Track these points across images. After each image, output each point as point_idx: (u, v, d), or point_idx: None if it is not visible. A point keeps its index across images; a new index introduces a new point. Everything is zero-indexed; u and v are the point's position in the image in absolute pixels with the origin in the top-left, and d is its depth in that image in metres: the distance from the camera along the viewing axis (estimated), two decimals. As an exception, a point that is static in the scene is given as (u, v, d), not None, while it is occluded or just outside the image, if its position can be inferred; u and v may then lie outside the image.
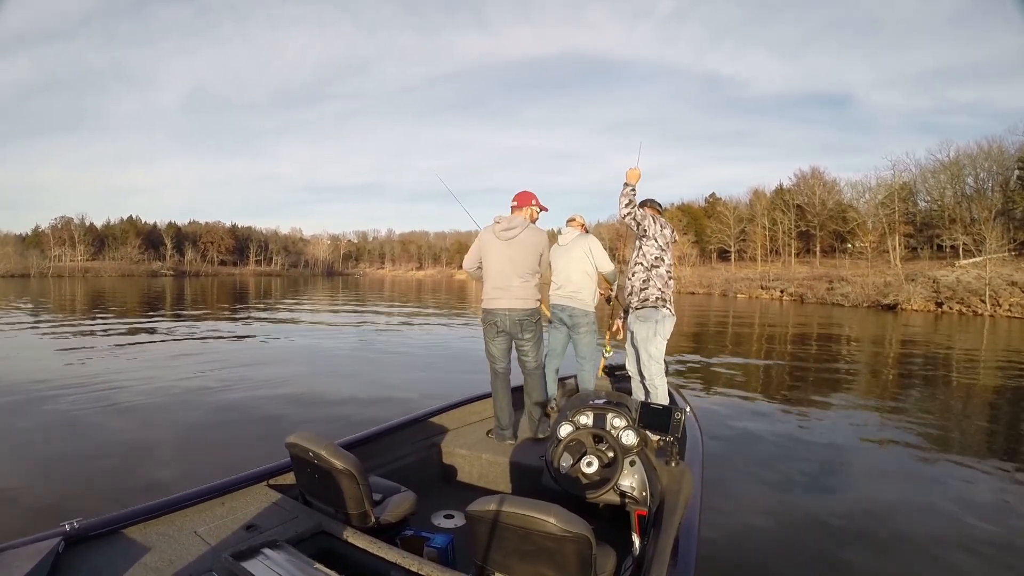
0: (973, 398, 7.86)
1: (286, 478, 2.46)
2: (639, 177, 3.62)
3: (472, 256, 3.57)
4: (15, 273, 65.31)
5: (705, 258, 64.87)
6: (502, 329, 3.42)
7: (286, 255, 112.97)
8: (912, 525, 3.42)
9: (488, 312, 3.44)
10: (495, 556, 1.68)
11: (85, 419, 5.35)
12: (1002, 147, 46.02)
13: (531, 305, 3.43)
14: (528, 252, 3.39)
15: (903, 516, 3.56)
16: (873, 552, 3.09)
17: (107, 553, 1.83)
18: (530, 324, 3.42)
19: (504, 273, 3.38)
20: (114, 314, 17.88)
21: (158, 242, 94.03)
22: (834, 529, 3.37)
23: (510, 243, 3.38)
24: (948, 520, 3.50)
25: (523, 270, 3.38)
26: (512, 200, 3.58)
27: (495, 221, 3.47)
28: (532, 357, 3.47)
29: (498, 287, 3.40)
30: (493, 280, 3.42)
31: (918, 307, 28.34)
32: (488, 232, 3.48)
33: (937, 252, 47.85)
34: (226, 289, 40.48)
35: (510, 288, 3.38)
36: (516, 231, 3.38)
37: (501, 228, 3.40)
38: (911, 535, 3.29)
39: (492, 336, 3.47)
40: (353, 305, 25.22)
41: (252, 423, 5.41)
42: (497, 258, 3.41)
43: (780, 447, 5.04)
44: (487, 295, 3.46)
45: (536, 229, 3.48)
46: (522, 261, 3.38)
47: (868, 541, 3.22)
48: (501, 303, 3.39)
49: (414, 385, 7.32)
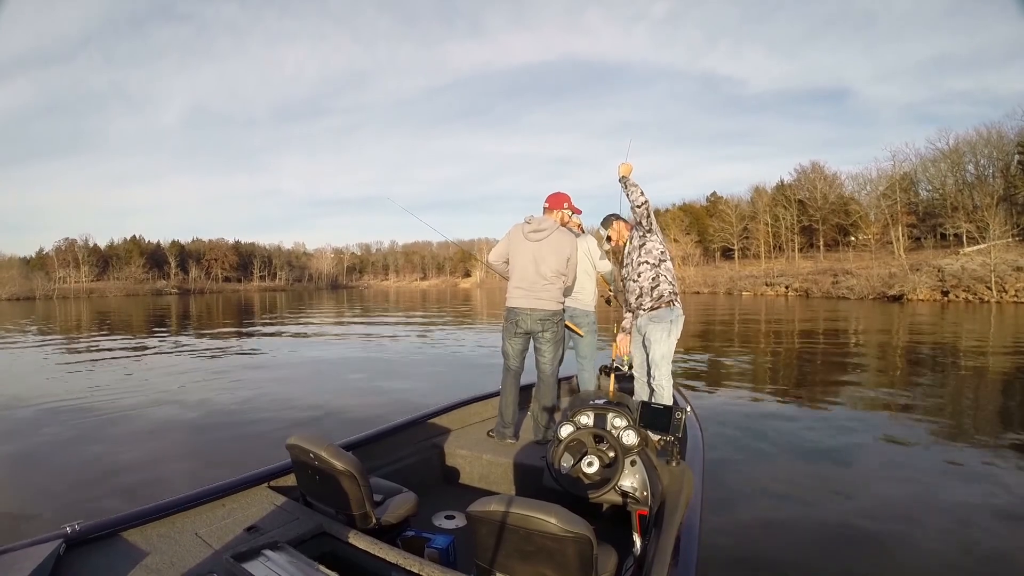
0: (982, 388, 7.80)
1: (287, 479, 2.47)
2: (631, 169, 3.62)
3: (500, 250, 3.58)
4: (20, 296, 65.80)
5: (708, 257, 64.75)
6: (523, 328, 3.43)
7: (290, 270, 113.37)
8: (917, 525, 3.36)
9: (511, 310, 3.46)
10: (496, 557, 1.68)
11: (89, 432, 5.37)
12: (1001, 133, 46.00)
13: (554, 307, 3.44)
14: (555, 255, 3.40)
15: (908, 515, 3.50)
16: (877, 552, 3.04)
17: (108, 555, 1.84)
18: (551, 325, 3.43)
19: (529, 273, 3.40)
20: (120, 333, 17.96)
21: (162, 261, 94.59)
22: (837, 528, 3.32)
23: (538, 244, 3.40)
24: (953, 520, 3.43)
25: (548, 272, 3.39)
26: (545, 202, 3.61)
27: (526, 220, 3.49)
28: (549, 359, 3.48)
29: (522, 287, 3.42)
30: (518, 279, 3.44)
31: (924, 297, 28.22)
32: (518, 230, 3.49)
33: (941, 241, 47.62)
34: (231, 305, 40.63)
35: (533, 288, 3.40)
36: (545, 233, 3.40)
37: (531, 229, 3.42)
38: (916, 535, 3.23)
39: (511, 334, 3.48)
40: (369, 318, 25.24)
41: (268, 434, 5.42)
42: (523, 258, 3.42)
43: (783, 445, 4.99)
44: (511, 294, 3.48)
45: (565, 232, 3.49)
46: (548, 263, 3.39)
47: (872, 541, 3.17)
48: (524, 302, 3.41)
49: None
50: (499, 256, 3.59)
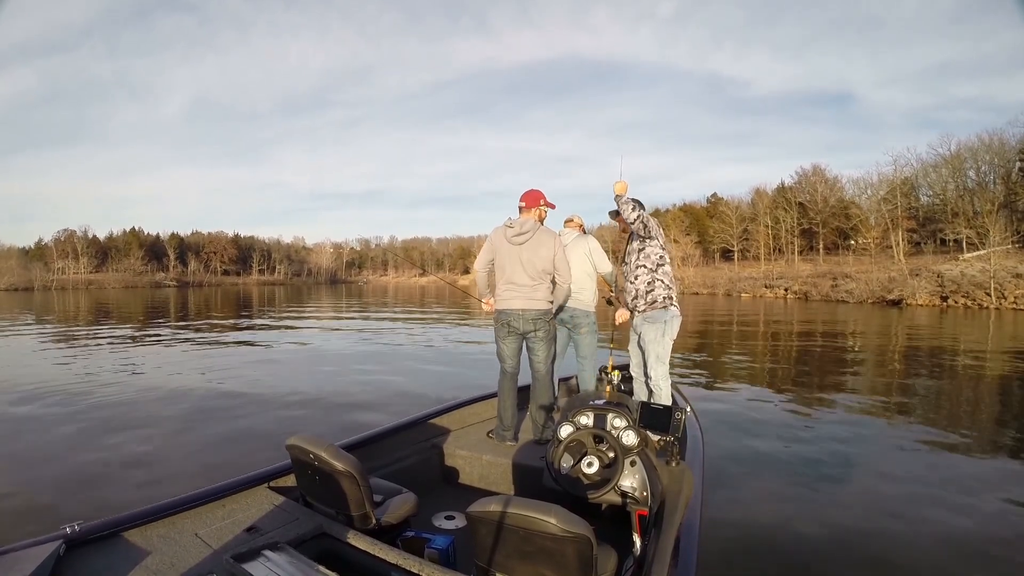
0: (980, 393, 7.81)
1: (287, 480, 2.47)
2: (626, 188, 3.69)
3: (484, 258, 3.60)
4: (19, 286, 65.54)
5: (708, 258, 64.70)
6: (515, 329, 3.45)
7: (289, 264, 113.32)
8: (917, 526, 3.38)
9: (501, 312, 3.48)
10: (496, 557, 1.68)
11: (88, 424, 5.37)
12: (1003, 139, 45.94)
13: (544, 306, 3.47)
14: (540, 255, 3.42)
15: (908, 517, 3.51)
16: (876, 553, 3.05)
17: (108, 556, 1.84)
18: (543, 324, 3.46)
19: (518, 274, 3.42)
20: (119, 324, 17.94)
21: (161, 253, 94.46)
22: (836, 529, 3.33)
23: (522, 247, 3.42)
24: (953, 521, 3.45)
25: (536, 272, 3.42)
26: (520, 200, 3.59)
27: (507, 225, 3.49)
28: (543, 358, 3.49)
29: (511, 288, 3.44)
30: (507, 281, 3.46)
31: (923, 302, 28.23)
32: (499, 235, 3.50)
33: (941, 246, 47.62)
34: (230, 299, 40.56)
35: (523, 289, 3.42)
36: (528, 235, 3.41)
37: (514, 233, 3.43)
38: (917, 537, 3.25)
39: (504, 336, 3.50)
40: (367, 312, 25.23)
41: (263, 429, 5.41)
42: (509, 260, 3.44)
43: (782, 446, 5.00)
44: (500, 295, 3.49)
45: (547, 231, 3.50)
46: (534, 263, 3.41)
47: (871, 542, 3.18)
48: (515, 303, 3.43)
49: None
50: (485, 264, 3.60)
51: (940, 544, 3.15)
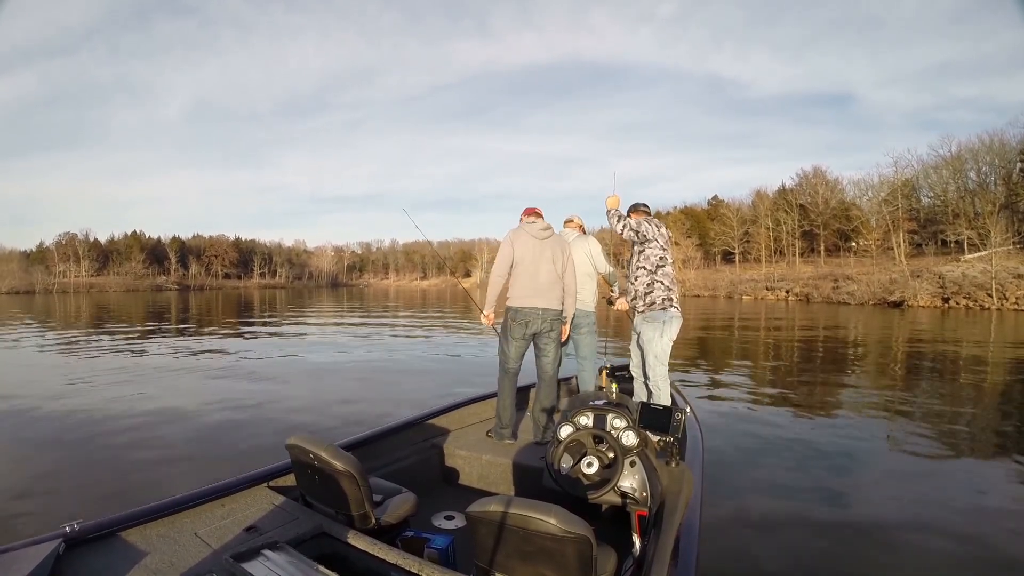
0: (982, 394, 7.78)
1: (286, 479, 2.47)
2: (618, 202, 3.77)
3: (506, 259, 3.47)
4: (20, 290, 65.72)
5: (709, 261, 64.68)
6: (531, 329, 3.45)
7: (290, 267, 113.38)
8: (918, 528, 3.37)
9: (519, 311, 3.43)
10: (496, 557, 1.67)
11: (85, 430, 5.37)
12: (1004, 140, 46.00)
13: (559, 307, 3.52)
14: (561, 252, 3.51)
15: (908, 518, 3.50)
16: (876, 554, 3.04)
17: (107, 555, 1.84)
18: (557, 325, 3.51)
19: (542, 271, 3.44)
20: (121, 328, 17.96)
21: (162, 256, 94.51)
22: (836, 530, 3.32)
23: (546, 243, 3.47)
24: (953, 523, 3.43)
25: (557, 270, 3.48)
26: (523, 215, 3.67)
27: (530, 221, 3.54)
28: (552, 359, 3.53)
29: (533, 286, 3.43)
30: (529, 279, 3.44)
31: (924, 303, 28.21)
32: (523, 232, 3.50)
33: (942, 248, 47.58)
34: (231, 302, 40.61)
35: (543, 288, 3.44)
36: (550, 232, 3.52)
37: (540, 227, 3.49)
38: (917, 538, 3.24)
39: (517, 336, 3.47)
40: (368, 316, 25.24)
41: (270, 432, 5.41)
42: (535, 256, 3.45)
43: (782, 447, 4.99)
44: (519, 293, 3.44)
45: (559, 235, 3.65)
46: (557, 262, 3.48)
47: (871, 543, 3.17)
48: (538, 302, 3.43)
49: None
50: (506, 264, 3.47)
51: (942, 545, 3.13)
